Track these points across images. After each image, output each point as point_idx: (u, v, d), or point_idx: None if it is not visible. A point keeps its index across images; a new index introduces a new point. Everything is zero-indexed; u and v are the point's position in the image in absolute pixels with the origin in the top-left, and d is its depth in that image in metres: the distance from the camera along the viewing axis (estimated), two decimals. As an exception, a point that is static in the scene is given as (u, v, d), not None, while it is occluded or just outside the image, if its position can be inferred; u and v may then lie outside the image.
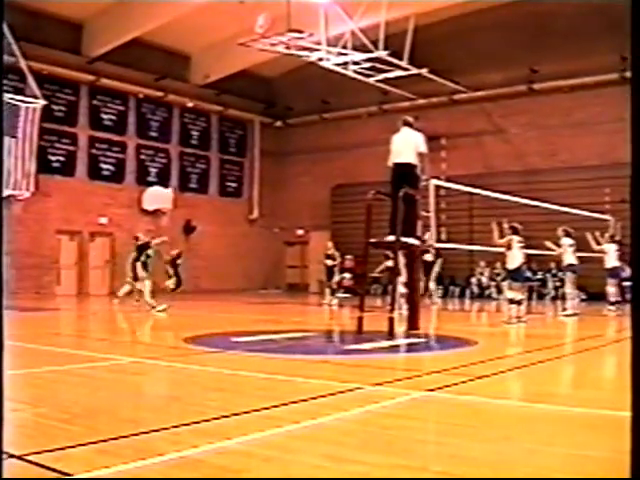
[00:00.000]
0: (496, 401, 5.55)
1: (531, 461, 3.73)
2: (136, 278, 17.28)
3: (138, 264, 17.04)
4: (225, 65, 28.41)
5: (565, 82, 25.87)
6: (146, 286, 16.46)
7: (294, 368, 7.29)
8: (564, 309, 16.45)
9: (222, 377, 6.78)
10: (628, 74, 24.73)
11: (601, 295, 19.84)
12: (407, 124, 11.92)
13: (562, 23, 24.87)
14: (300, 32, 21.07)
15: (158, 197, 27.63)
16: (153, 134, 28.57)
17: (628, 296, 19.72)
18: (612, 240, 18.40)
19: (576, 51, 24.96)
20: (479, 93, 27.42)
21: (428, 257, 18.94)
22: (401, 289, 14.55)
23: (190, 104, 29.37)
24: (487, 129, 27.67)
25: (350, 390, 5.79)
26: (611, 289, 18.20)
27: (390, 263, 16.16)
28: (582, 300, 23.33)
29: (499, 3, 25.98)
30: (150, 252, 17.06)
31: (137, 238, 17.67)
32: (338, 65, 22.52)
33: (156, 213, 27.53)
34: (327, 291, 20.48)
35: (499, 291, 23.99)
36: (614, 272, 18.15)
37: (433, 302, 19.61)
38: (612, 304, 17.82)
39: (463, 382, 6.28)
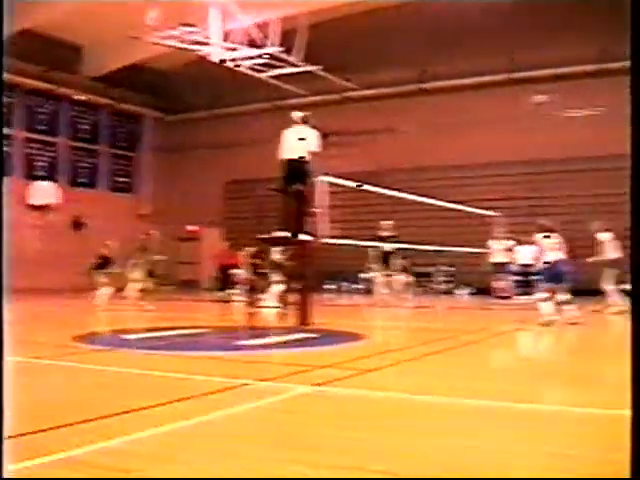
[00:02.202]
0: (385, 393, 5.64)
1: (426, 454, 3.83)
2: None
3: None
4: (117, 58, 27.84)
5: (455, 82, 26.55)
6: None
7: (185, 365, 7.24)
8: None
9: (110, 375, 6.66)
10: (516, 75, 25.70)
11: (488, 290, 20.53)
12: (301, 120, 11.98)
13: (452, 24, 25.46)
14: (193, 26, 20.87)
15: (44, 192, 26.86)
16: (41, 127, 27.75)
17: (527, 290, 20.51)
18: (494, 237, 19.06)
19: (466, 52, 25.62)
20: (370, 91, 27.82)
21: None
22: (277, 287, 14.84)
23: (80, 97, 28.66)
24: (378, 127, 28.07)
25: (241, 386, 5.78)
26: (497, 284, 18.83)
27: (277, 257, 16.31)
28: (470, 294, 24.08)
29: (391, 4, 26.40)
30: None
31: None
32: (231, 60, 22.40)
33: (44, 208, 26.75)
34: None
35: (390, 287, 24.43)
36: (499, 267, 18.78)
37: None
38: (499, 298, 18.45)
39: (352, 376, 6.37)
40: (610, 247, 15.28)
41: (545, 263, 12.28)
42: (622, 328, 12.69)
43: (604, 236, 15.51)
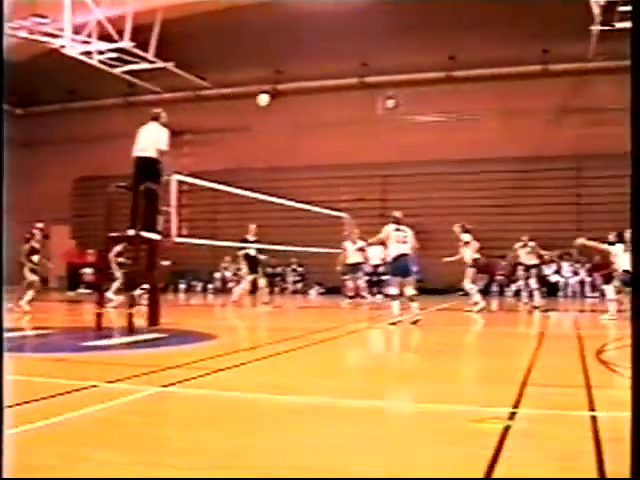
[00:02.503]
0: (234, 393, 5.69)
1: (267, 452, 3.91)
2: None
3: None
4: (-40, 47, 26.46)
5: (309, 84, 26.92)
6: None
7: (29, 367, 7.00)
8: (475, 303, 16.66)
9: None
10: (369, 79, 26.31)
11: (339, 289, 20.95)
12: (154, 118, 11.83)
13: (308, 26, 25.69)
14: (44, 17, 20.19)
15: None
16: None
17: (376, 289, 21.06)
18: (349, 238, 19.46)
19: (319, 54, 25.98)
20: (225, 90, 27.78)
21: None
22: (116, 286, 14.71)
23: None
24: (233, 126, 28.06)
25: (86, 388, 5.67)
26: (349, 283, 19.22)
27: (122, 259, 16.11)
28: (321, 294, 24.48)
29: (247, 3, 26.38)
30: None
31: None
32: (82, 54, 21.80)
33: None
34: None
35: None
36: (354, 268, 19.19)
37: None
38: (349, 297, 18.84)
39: (201, 376, 6.38)
40: (471, 248, 15.96)
41: (393, 259, 12.47)
42: (478, 326, 13.30)
43: (466, 237, 16.19)
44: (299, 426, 4.57)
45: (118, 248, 16.02)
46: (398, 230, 12.49)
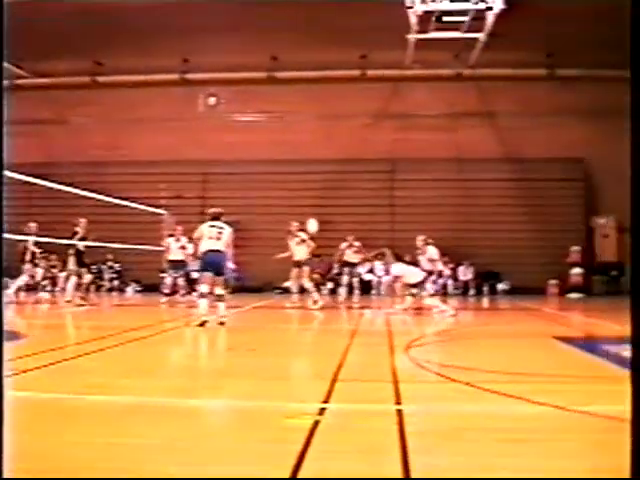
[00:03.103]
0: (42, 394, 5.49)
1: (73, 453, 3.79)
2: None
3: None
4: None
5: (128, 77, 26.29)
6: None
7: None
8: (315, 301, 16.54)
9: None
10: (189, 76, 26.04)
11: (157, 286, 20.65)
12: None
13: (129, 19, 25.04)
14: None
15: None
16: None
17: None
18: (172, 235, 19.23)
19: (140, 48, 25.41)
20: (44, 80, 26.61)
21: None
22: None
23: None
24: (51, 118, 26.98)
25: None
26: (168, 280, 18.99)
27: None
28: (138, 291, 24.01)
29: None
30: None
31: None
32: None
33: None
34: None
35: (54, 284, 23.61)
36: (176, 265, 18.98)
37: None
38: (166, 295, 18.62)
39: (8, 376, 6.09)
40: (299, 248, 16.16)
41: (203, 254, 12.05)
42: (294, 324, 13.47)
43: (302, 235, 16.39)
44: (111, 426, 4.47)
45: None
46: (213, 227, 12.14)
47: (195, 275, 15.62)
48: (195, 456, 3.73)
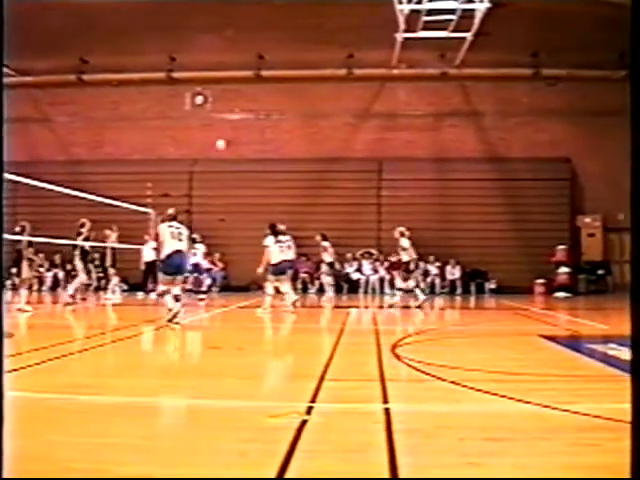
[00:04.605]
0: (26, 394, 5.46)
1: (52, 453, 3.77)
2: None
3: None
4: None
5: (113, 76, 26.18)
6: None
7: None
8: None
9: None
10: (176, 75, 25.99)
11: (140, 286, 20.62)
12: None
13: (114, 17, 24.95)
14: None
15: None
16: None
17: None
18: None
19: (126, 47, 25.35)
20: (27, 78, 26.44)
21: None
22: None
23: None
24: (34, 116, 26.85)
25: None
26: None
27: None
28: (123, 290, 23.90)
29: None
30: None
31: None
32: None
33: None
34: None
35: (41, 282, 23.52)
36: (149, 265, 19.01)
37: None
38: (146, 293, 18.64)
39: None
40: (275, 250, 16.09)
41: (167, 255, 12.07)
42: (281, 323, 13.46)
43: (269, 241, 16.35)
44: (93, 426, 4.44)
45: None
46: (172, 227, 12.26)
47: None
48: (179, 456, 3.72)
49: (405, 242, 17.05)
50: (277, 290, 15.39)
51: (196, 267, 20.86)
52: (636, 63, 2.29)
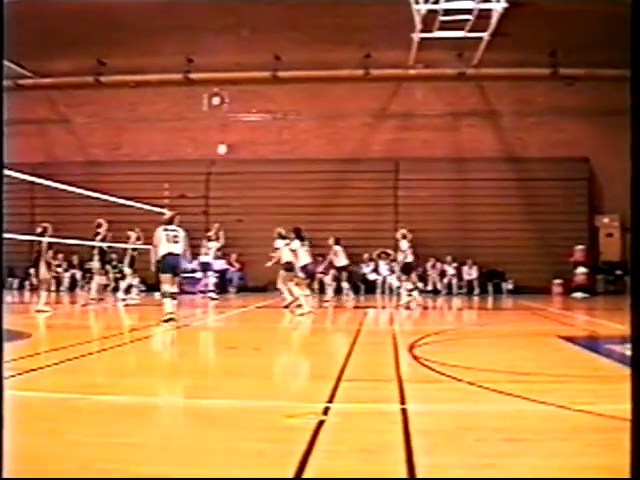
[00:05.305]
0: (46, 394, 5.50)
1: (73, 452, 3.79)
2: None
3: None
4: None
5: (131, 77, 26.29)
6: None
7: None
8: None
9: None
10: (193, 76, 26.05)
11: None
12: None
13: (132, 19, 25.06)
14: None
15: None
16: None
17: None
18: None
19: (143, 48, 25.44)
20: (46, 80, 26.62)
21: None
22: None
23: None
24: (52, 117, 27.05)
25: None
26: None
27: None
28: (141, 291, 23.97)
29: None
30: None
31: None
32: None
33: None
34: None
35: (59, 283, 23.65)
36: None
37: None
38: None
39: (12, 376, 6.11)
40: (285, 252, 16.10)
41: (162, 256, 12.42)
42: (298, 324, 13.46)
43: (280, 243, 16.37)
44: (112, 426, 4.47)
45: None
46: (167, 230, 12.55)
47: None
48: (197, 456, 3.73)
49: (404, 244, 17.13)
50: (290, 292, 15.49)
51: (205, 266, 21.01)
52: (636, 63, 2.32)
